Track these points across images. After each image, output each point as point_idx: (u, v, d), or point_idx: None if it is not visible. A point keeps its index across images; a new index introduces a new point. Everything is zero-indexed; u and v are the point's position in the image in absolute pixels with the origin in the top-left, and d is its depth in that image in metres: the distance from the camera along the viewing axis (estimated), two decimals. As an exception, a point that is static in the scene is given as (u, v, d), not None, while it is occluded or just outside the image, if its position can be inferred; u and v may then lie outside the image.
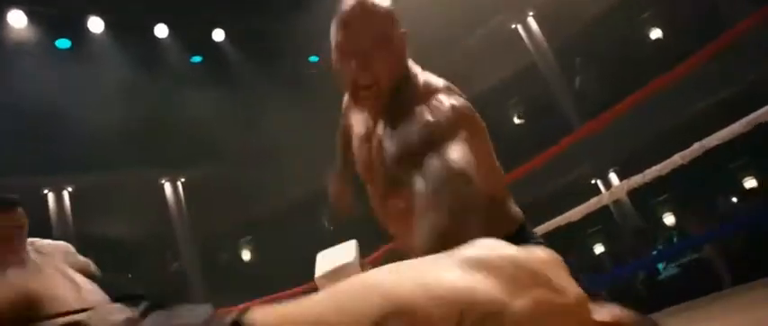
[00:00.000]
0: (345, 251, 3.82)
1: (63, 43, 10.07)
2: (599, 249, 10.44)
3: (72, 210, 9.79)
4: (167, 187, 11.12)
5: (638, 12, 9.81)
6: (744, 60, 7.23)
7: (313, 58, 11.52)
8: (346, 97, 1.50)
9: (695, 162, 3.37)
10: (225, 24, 11.11)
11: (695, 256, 6.87)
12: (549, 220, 3.87)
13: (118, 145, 9.52)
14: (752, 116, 3.22)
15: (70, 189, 9.91)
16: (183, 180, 11.17)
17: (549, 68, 9.79)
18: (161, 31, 10.67)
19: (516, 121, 11.34)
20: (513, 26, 9.96)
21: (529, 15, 9.87)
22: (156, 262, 10.96)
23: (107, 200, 9.82)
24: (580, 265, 8.78)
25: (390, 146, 1.16)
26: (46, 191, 9.70)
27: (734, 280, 5.87)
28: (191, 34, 10.91)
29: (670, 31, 9.72)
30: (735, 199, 8.87)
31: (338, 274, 3.51)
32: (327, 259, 3.78)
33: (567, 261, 0.46)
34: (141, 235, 10.76)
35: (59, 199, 9.83)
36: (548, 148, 4.57)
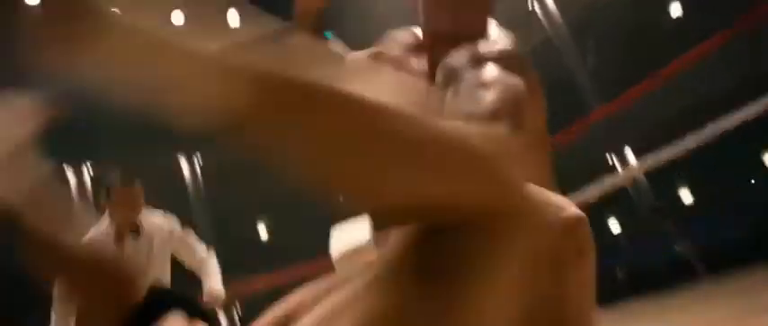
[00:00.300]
0: (360, 229, 3.83)
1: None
2: (615, 229, 10.38)
3: (92, 187, 9.99)
4: (184, 165, 11.24)
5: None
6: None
7: (327, 34, 11.46)
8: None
9: (714, 143, 3.34)
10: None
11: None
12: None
13: (133, 124, 9.60)
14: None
15: (89, 164, 10.10)
16: (198, 156, 11.29)
17: (564, 46, 9.69)
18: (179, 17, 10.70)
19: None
20: (529, 3, 9.86)
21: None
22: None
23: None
24: (596, 245, 8.75)
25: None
26: (65, 166, 9.93)
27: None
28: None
29: (691, 9, 9.54)
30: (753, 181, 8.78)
31: (354, 255, 3.57)
32: (343, 237, 3.82)
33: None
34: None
35: (80, 179, 10.04)
36: (564, 127, 4.55)
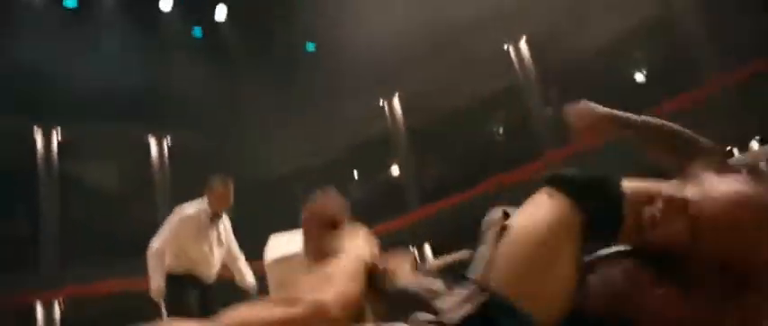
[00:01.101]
0: (296, 240, 4.23)
1: (70, 2, 10.36)
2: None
3: (59, 152, 10.25)
4: (153, 144, 11.51)
5: (630, 51, 10.15)
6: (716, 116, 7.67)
7: (310, 46, 11.83)
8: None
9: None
10: (228, 1, 11.43)
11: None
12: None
13: (112, 100, 9.93)
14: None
15: (59, 131, 10.36)
16: (169, 139, 11.56)
17: (530, 92, 10.22)
18: (166, 4, 10.99)
19: (498, 134, 11.72)
20: (505, 47, 10.35)
21: (522, 39, 10.27)
22: (135, 213, 11.32)
23: (94, 148, 10.25)
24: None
25: None
26: (36, 130, 10.17)
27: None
28: (194, 8, 11.27)
29: (653, 76, 10.13)
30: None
31: (284, 263, 4.01)
32: (279, 245, 4.27)
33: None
34: (123, 187, 11.22)
35: (48, 140, 10.26)
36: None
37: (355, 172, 12.10)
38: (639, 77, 10.46)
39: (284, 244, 3.85)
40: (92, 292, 7.94)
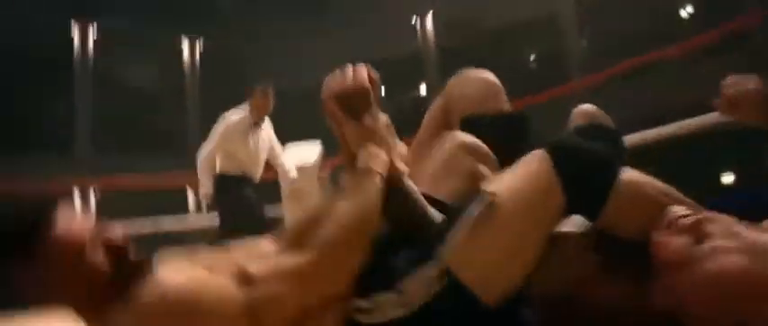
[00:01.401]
0: (310, 151, 4.49)
1: None
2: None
3: (94, 49, 10.45)
4: (185, 47, 11.62)
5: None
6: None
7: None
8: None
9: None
10: None
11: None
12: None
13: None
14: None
15: (95, 26, 10.54)
16: (201, 43, 11.66)
17: (566, 22, 9.97)
18: None
19: (530, 62, 11.55)
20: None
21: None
22: (165, 111, 11.59)
23: (128, 45, 10.42)
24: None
25: None
26: (73, 28, 10.37)
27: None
28: None
29: (701, 11, 9.76)
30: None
31: (299, 171, 4.22)
32: (293, 154, 4.48)
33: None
34: (155, 84, 11.47)
35: (84, 37, 10.46)
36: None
37: (383, 89, 12.13)
38: (684, 13, 10.11)
39: (300, 153, 4.09)
40: (121, 185, 8.27)
